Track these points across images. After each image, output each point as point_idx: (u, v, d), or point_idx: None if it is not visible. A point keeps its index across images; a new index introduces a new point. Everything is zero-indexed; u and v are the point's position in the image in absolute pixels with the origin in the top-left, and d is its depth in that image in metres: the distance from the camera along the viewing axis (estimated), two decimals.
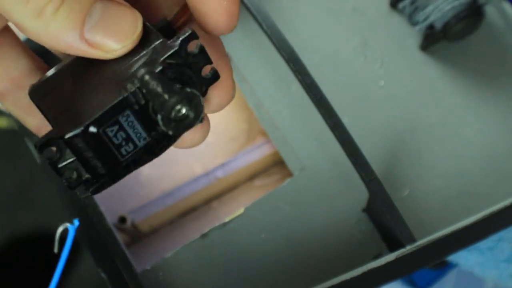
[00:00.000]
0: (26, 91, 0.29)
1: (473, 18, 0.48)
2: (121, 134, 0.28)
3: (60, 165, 0.27)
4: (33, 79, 0.30)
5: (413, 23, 0.49)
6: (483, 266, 0.56)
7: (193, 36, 0.28)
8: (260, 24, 0.44)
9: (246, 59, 0.49)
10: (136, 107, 0.28)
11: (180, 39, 0.27)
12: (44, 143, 0.27)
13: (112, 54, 0.27)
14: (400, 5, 0.50)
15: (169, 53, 0.27)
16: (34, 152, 0.46)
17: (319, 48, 0.50)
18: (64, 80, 0.29)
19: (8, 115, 0.64)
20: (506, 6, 0.50)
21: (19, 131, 0.47)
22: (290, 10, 0.50)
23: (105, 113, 0.27)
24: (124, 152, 0.28)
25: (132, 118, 0.28)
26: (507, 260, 0.55)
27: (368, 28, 0.50)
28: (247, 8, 0.44)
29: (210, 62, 0.28)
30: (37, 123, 0.30)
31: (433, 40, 0.49)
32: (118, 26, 0.27)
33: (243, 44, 0.50)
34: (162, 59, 0.27)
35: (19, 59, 0.30)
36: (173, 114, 0.27)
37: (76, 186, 0.28)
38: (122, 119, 0.28)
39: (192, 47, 0.28)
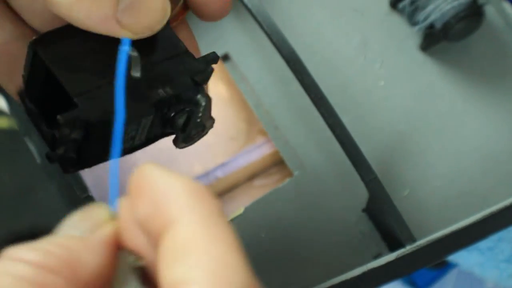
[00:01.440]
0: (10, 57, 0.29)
1: (473, 18, 0.48)
2: (132, 132, 0.29)
3: (63, 140, 0.27)
4: (20, 45, 0.30)
5: (413, 23, 0.49)
6: (483, 266, 0.56)
7: (215, 61, 0.30)
8: (260, 24, 0.44)
9: (246, 59, 0.49)
10: (160, 114, 0.29)
11: (210, 65, 0.30)
12: (69, 121, 0.27)
13: (138, 36, 0.28)
14: (400, 5, 0.50)
15: (204, 78, 0.29)
16: (34, 152, 0.46)
17: (319, 48, 0.50)
18: (81, 52, 0.29)
19: (8, 115, 0.64)
20: (506, 6, 0.50)
21: (19, 131, 0.47)
22: (290, 10, 0.50)
23: (135, 114, 0.28)
24: (122, 146, 0.29)
25: (150, 120, 0.29)
26: (507, 260, 0.55)
27: (368, 28, 0.50)
28: (247, 8, 0.44)
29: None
30: (16, 91, 0.30)
31: (433, 40, 0.49)
32: (150, 10, 0.28)
33: (243, 44, 0.50)
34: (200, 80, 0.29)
35: (5, 25, 0.30)
36: (194, 133, 0.29)
37: (56, 160, 0.28)
38: (142, 123, 0.28)
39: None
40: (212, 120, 0.31)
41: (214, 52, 0.31)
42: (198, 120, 0.30)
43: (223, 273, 0.22)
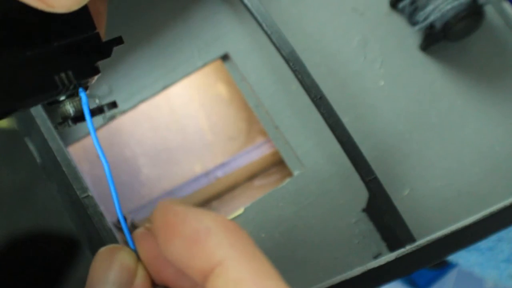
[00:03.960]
0: None
1: (473, 18, 0.48)
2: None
3: None
4: None
5: (413, 23, 0.49)
6: (483, 266, 0.56)
7: (119, 42, 0.29)
8: (260, 24, 0.44)
9: (246, 59, 0.49)
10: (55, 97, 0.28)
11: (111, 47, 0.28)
12: None
13: (54, 10, 0.26)
14: (400, 5, 0.50)
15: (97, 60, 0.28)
16: (34, 152, 0.46)
17: (319, 48, 0.50)
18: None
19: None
20: (506, 6, 0.50)
21: (19, 131, 0.47)
22: (290, 10, 0.50)
23: (32, 100, 0.27)
24: None
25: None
26: (507, 260, 0.55)
27: (368, 28, 0.50)
28: (247, 8, 0.44)
29: None
30: None
31: (433, 40, 0.49)
32: None
33: (243, 44, 0.50)
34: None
35: None
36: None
37: None
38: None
39: None
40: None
41: (120, 37, 0.30)
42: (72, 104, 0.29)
43: None
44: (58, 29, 0.28)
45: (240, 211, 0.46)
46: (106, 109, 0.30)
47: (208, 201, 0.53)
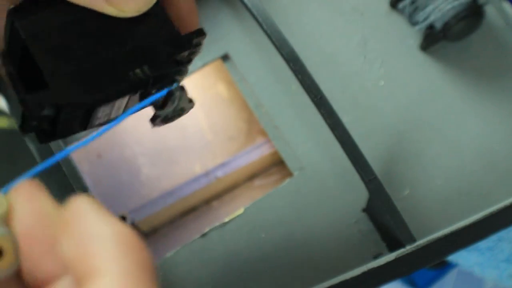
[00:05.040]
0: None
1: (473, 18, 0.48)
2: (107, 110, 0.28)
3: (35, 115, 0.27)
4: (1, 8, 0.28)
5: (413, 23, 0.49)
6: (483, 266, 0.56)
7: (199, 33, 0.29)
8: (260, 24, 0.44)
9: (246, 59, 0.49)
10: (136, 93, 0.28)
11: (194, 41, 0.29)
12: (37, 103, 0.26)
13: (123, 14, 0.27)
14: (400, 5, 0.50)
15: (187, 58, 0.29)
16: (34, 152, 0.46)
17: (319, 48, 0.50)
18: (61, 26, 0.28)
19: (8, 115, 0.64)
20: (506, 6, 0.50)
21: (19, 131, 0.47)
22: (290, 10, 0.50)
23: (110, 95, 0.27)
24: (96, 123, 0.29)
25: (126, 100, 0.28)
26: (507, 260, 0.55)
27: (368, 28, 0.50)
28: (247, 8, 0.44)
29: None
30: None
31: (433, 40, 0.49)
32: None
33: (243, 44, 0.50)
34: (179, 58, 0.29)
35: None
36: (172, 115, 0.29)
37: (29, 131, 0.28)
38: (118, 101, 0.28)
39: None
40: (191, 104, 0.31)
41: (200, 28, 0.30)
42: (176, 102, 0.29)
43: None
44: (135, 29, 0.28)
45: (240, 211, 0.46)
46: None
47: (208, 201, 0.53)
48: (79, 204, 0.24)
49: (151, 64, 0.28)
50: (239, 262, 0.45)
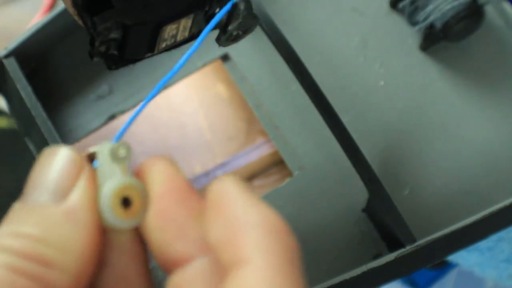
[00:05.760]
0: None
1: (473, 18, 0.47)
2: (173, 30, 0.28)
3: (102, 39, 0.27)
4: None
5: (413, 23, 0.49)
6: (483, 266, 0.56)
7: None
8: (260, 24, 0.44)
9: (246, 59, 0.49)
10: (201, 11, 0.28)
11: None
12: (104, 23, 0.27)
13: None
14: (400, 5, 0.50)
15: None
16: (34, 152, 0.46)
17: (319, 48, 0.50)
18: None
19: (8, 115, 0.64)
20: (506, 6, 0.50)
21: (19, 131, 0.47)
22: (290, 10, 0.50)
23: (176, 14, 0.28)
24: (163, 45, 0.29)
25: (191, 20, 0.29)
26: (507, 260, 0.55)
27: (368, 28, 0.50)
28: None
29: None
30: None
31: (433, 40, 0.49)
32: None
33: (243, 44, 0.50)
34: None
35: None
36: (237, 33, 0.29)
37: (98, 57, 0.28)
38: (183, 20, 0.28)
39: None
40: (255, 20, 0.31)
41: None
42: (240, 19, 0.29)
43: None
44: None
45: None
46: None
47: None
48: (226, 185, 0.23)
49: None
50: None
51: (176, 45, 0.30)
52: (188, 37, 0.30)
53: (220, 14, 0.29)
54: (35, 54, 0.47)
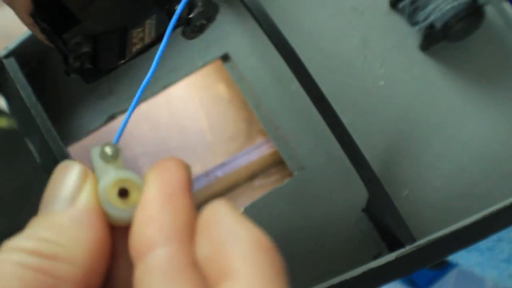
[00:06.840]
0: None
1: (473, 18, 0.48)
2: (140, 33, 0.29)
3: (75, 54, 0.29)
4: None
5: (413, 23, 0.49)
6: (483, 266, 0.56)
7: None
8: (260, 24, 0.44)
9: (246, 59, 0.49)
10: (163, 12, 0.29)
11: None
12: (75, 37, 0.28)
13: None
14: (400, 5, 0.50)
15: None
16: (34, 152, 0.46)
17: (319, 48, 0.50)
18: None
19: (8, 115, 0.64)
20: (506, 6, 0.50)
21: (19, 131, 0.47)
22: (290, 9, 0.50)
23: (138, 17, 0.29)
24: (134, 49, 0.30)
25: (155, 20, 0.30)
26: (507, 260, 0.55)
27: (368, 28, 0.50)
28: (247, 8, 0.44)
29: None
30: (27, 13, 0.31)
31: (433, 40, 0.49)
32: None
33: (243, 44, 0.50)
34: None
35: None
36: (200, 23, 0.30)
37: (74, 73, 0.30)
38: (147, 22, 0.29)
39: None
40: (215, 6, 0.31)
41: None
42: (200, 8, 0.30)
43: None
44: None
45: (240, 211, 0.46)
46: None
47: (208, 201, 0.52)
48: (216, 207, 0.24)
49: None
50: None
51: (147, 47, 0.31)
52: (155, 37, 0.31)
53: (181, 6, 0.30)
54: (35, 54, 0.47)
